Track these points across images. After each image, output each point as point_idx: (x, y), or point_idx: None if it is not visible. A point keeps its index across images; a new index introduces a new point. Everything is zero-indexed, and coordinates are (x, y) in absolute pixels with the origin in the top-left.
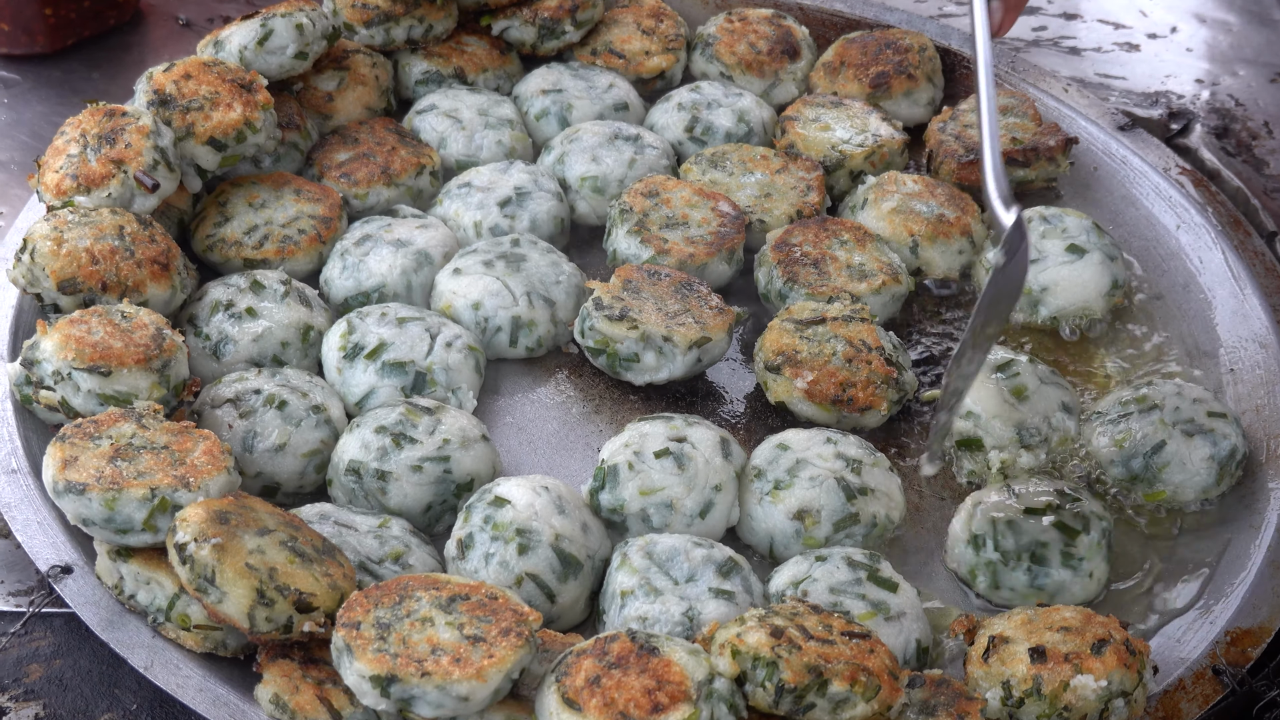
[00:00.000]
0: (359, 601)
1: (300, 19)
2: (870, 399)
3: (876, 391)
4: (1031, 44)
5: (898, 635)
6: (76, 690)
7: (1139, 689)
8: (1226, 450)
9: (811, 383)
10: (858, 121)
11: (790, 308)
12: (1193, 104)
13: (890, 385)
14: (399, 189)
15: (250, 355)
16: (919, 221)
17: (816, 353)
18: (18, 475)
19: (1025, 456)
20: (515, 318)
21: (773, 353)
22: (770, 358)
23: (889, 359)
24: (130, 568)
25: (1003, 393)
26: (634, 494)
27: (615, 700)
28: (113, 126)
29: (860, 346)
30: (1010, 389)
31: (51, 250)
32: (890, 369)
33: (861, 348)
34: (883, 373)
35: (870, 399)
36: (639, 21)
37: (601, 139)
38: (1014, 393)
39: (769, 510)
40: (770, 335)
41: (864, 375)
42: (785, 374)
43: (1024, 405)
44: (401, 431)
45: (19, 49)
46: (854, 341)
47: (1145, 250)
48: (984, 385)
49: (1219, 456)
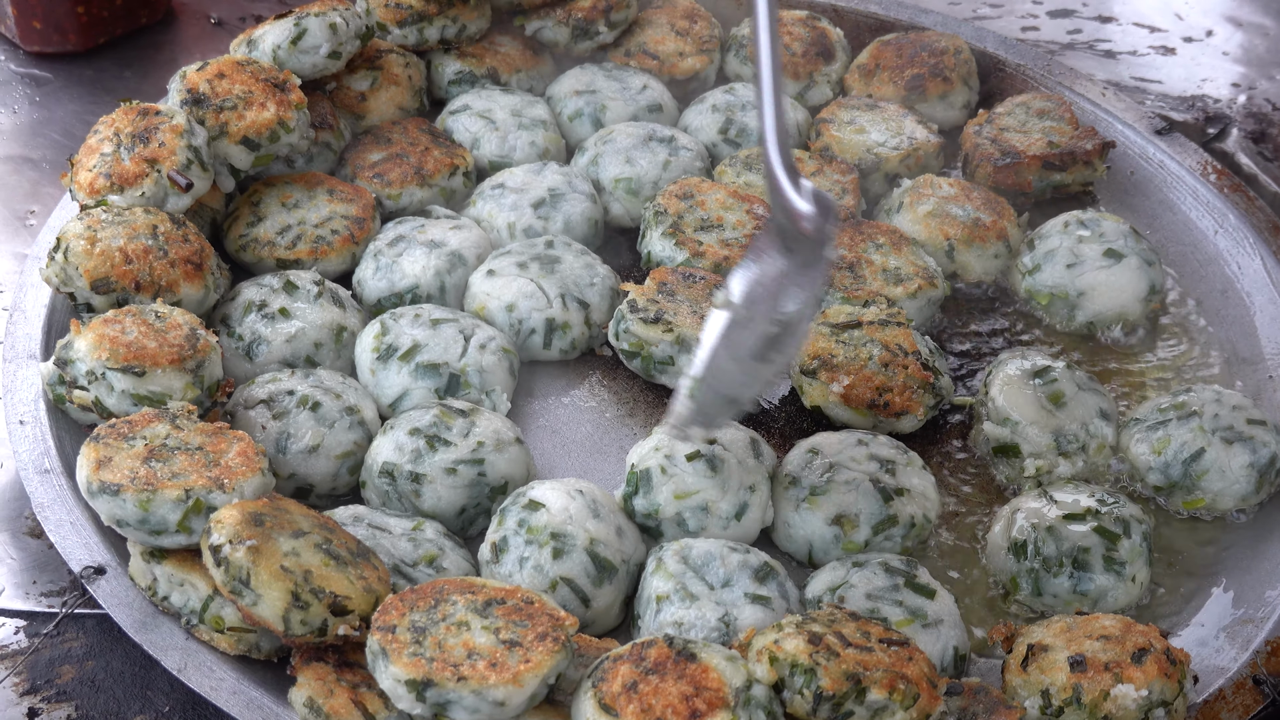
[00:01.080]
0: (394, 605)
1: (334, 18)
2: (907, 403)
3: (913, 396)
4: (1067, 47)
5: (935, 642)
6: (109, 692)
7: (1179, 699)
8: (1266, 458)
9: (848, 387)
10: (893, 124)
11: (825, 311)
12: (1229, 108)
13: (927, 390)
14: (432, 190)
15: (283, 356)
16: (955, 225)
17: (853, 357)
18: (51, 475)
19: (1063, 465)
20: (549, 320)
21: (808, 357)
22: (806, 362)
23: (925, 363)
24: (164, 569)
25: (1040, 399)
26: (669, 498)
27: (653, 706)
28: (146, 125)
29: (896, 351)
30: (1047, 395)
31: (85, 249)
32: (927, 374)
33: (898, 352)
34: (919, 377)
35: (907, 403)
36: (673, 22)
37: (635, 140)
38: (1051, 399)
39: (806, 517)
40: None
41: (900, 380)
42: (821, 378)
43: (1061, 412)
44: (436, 434)
45: (51, 47)
46: (890, 346)
47: (1183, 255)
48: (1021, 391)
49: (1259, 464)
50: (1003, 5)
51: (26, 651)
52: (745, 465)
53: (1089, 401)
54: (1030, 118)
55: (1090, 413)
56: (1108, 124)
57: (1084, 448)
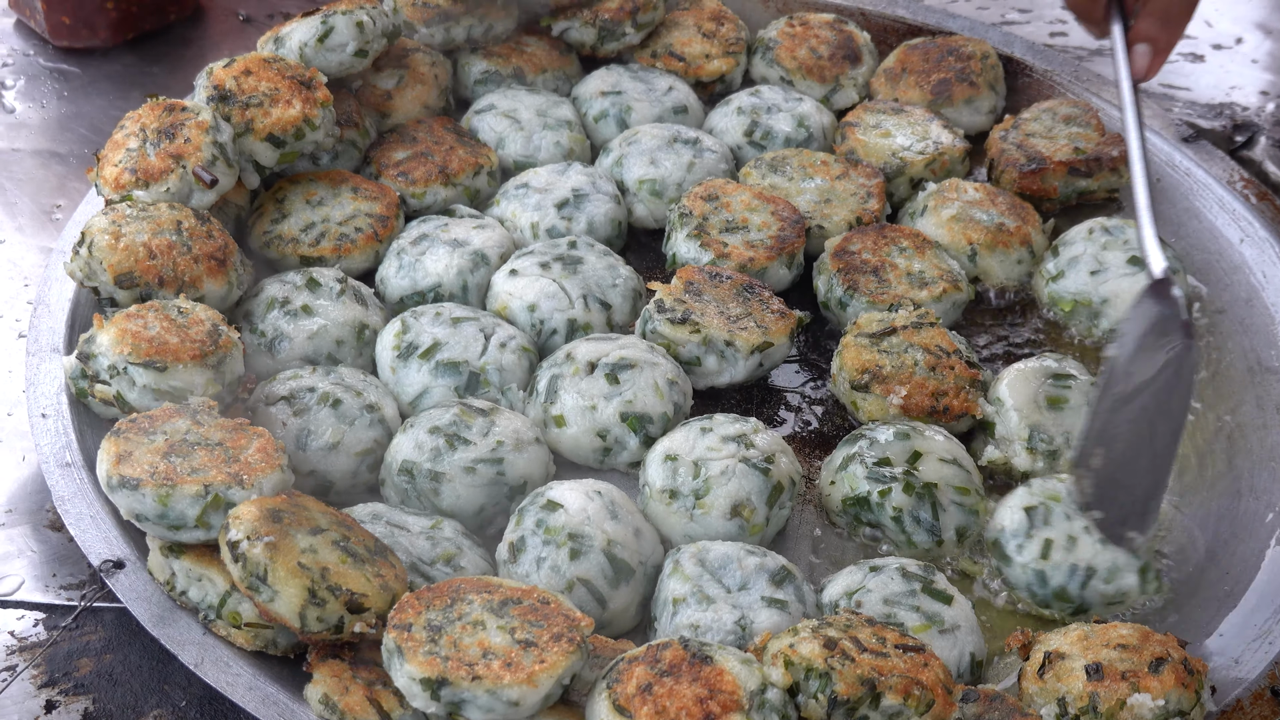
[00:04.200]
0: (410, 603)
1: (361, 17)
2: (964, 405)
3: (969, 397)
4: (1094, 53)
5: (951, 648)
6: (126, 685)
7: (1196, 708)
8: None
9: (905, 398)
10: (919, 128)
11: (858, 321)
12: (1257, 116)
13: (977, 387)
14: (456, 189)
15: (305, 353)
16: (978, 230)
17: (899, 365)
18: (72, 469)
19: (1022, 457)
20: (571, 320)
21: (856, 371)
22: (855, 376)
23: (969, 361)
24: (182, 564)
25: (1040, 394)
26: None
27: (667, 708)
28: (172, 121)
29: (939, 353)
30: (1047, 396)
31: (109, 244)
32: (973, 371)
33: (940, 354)
34: (968, 376)
35: (964, 405)
36: (699, 24)
37: (660, 142)
38: (1049, 400)
39: (705, 522)
40: (848, 353)
41: (952, 382)
42: (876, 391)
43: (1051, 413)
44: (455, 433)
45: (80, 42)
46: (931, 349)
47: (1208, 263)
48: (1027, 381)
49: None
50: (1031, 11)
51: (45, 644)
52: None
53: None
54: (1057, 124)
55: (1079, 425)
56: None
57: (1053, 454)
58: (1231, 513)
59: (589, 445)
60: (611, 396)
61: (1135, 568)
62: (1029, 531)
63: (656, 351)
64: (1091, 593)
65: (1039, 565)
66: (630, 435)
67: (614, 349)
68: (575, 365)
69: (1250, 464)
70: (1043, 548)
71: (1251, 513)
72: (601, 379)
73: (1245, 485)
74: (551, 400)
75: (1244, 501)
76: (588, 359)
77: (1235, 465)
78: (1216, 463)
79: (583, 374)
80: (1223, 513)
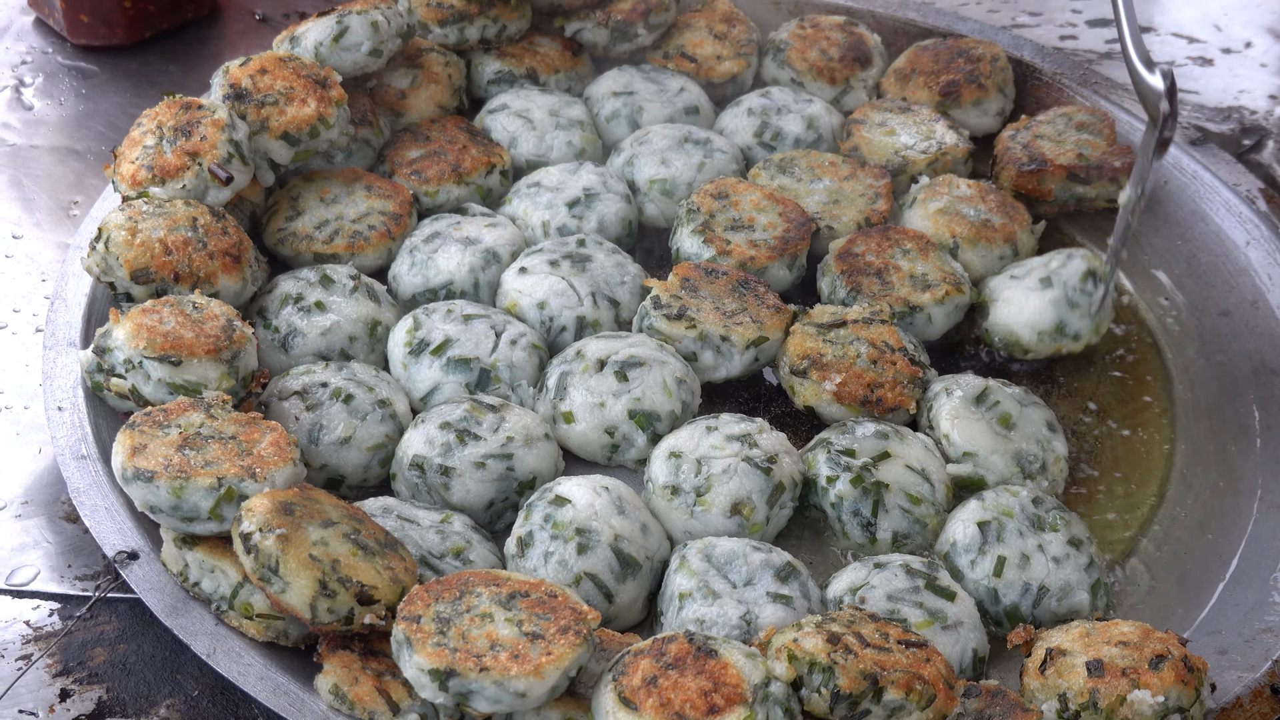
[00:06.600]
0: (420, 596)
1: (376, 16)
2: (899, 399)
3: (904, 391)
4: (1104, 56)
5: (954, 644)
6: (139, 675)
7: (1196, 706)
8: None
9: (840, 385)
10: (923, 128)
11: (809, 311)
12: (1265, 120)
13: (916, 384)
14: (469, 187)
15: (318, 349)
16: (963, 224)
17: (841, 355)
18: (87, 461)
19: (1029, 486)
20: (580, 317)
21: (797, 357)
22: (795, 362)
23: (912, 358)
24: (195, 555)
25: (991, 425)
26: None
27: (671, 701)
28: (188, 119)
29: (883, 347)
30: (997, 419)
31: (126, 240)
32: (915, 368)
33: (884, 349)
34: (908, 372)
35: (899, 399)
36: (711, 26)
37: (671, 142)
38: (1001, 422)
39: (705, 519)
40: (793, 340)
41: (890, 375)
42: (812, 377)
43: (1014, 433)
44: (466, 428)
45: (98, 40)
46: (876, 343)
47: (1214, 266)
48: (973, 423)
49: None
50: (1041, 14)
51: (60, 634)
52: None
53: (1034, 416)
54: (1069, 129)
55: (1039, 427)
56: (1142, 133)
57: (1044, 466)
58: (1235, 513)
59: (597, 442)
60: (620, 394)
61: (1087, 585)
62: (981, 547)
63: (666, 350)
64: (1043, 611)
65: (991, 583)
66: (638, 432)
67: (624, 347)
68: (585, 362)
69: (1255, 465)
70: (996, 565)
71: (1255, 514)
72: (611, 376)
73: (1249, 486)
74: (561, 397)
75: (1248, 502)
76: (597, 356)
77: (1240, 467)
78: (1221, 464)
79: (592, 371)
80: (1227, 513)
